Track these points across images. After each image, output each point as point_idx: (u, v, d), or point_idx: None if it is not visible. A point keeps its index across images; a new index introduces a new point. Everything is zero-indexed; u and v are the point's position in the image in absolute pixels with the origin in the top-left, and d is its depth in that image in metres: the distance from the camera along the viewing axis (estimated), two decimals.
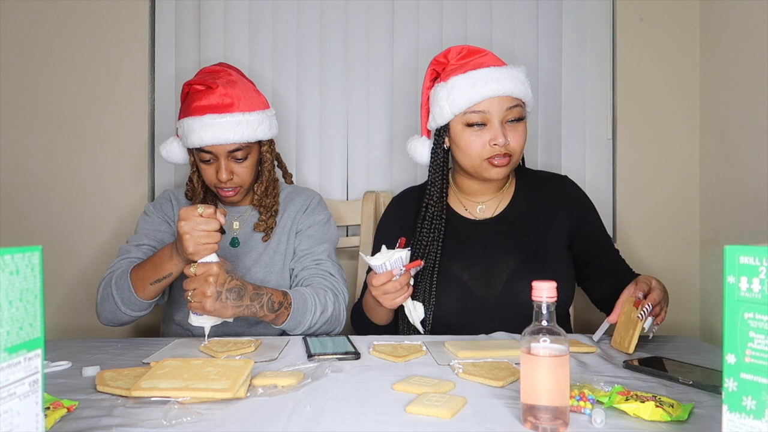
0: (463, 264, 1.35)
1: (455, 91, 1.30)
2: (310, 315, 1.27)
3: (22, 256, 0.59)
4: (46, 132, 1.86)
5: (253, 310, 1.18)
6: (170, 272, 1.22)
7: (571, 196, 1.44)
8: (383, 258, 1.18)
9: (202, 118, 1.34)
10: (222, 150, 1.36)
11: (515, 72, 1.33)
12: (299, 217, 1.49)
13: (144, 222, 1.46)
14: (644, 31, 1.88)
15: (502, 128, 1.30)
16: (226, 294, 1.12)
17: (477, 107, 1.30)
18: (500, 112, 1.30)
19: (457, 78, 1.31)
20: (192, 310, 1.14)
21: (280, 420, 0.78)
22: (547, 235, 1.38)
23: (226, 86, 1.37)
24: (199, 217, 1.12)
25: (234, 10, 1.89)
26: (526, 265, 1.32)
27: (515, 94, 1.31)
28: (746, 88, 1.60)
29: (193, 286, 1.12)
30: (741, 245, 0.58)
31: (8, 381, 0.57)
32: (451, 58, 1.37)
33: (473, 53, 1.36)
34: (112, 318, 1.30)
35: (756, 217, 1.54)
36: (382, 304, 1.21)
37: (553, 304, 0.76)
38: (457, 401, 0.82)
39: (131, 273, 1.25)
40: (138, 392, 0.83)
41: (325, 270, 1.39)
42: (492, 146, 1.29)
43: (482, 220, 1.42)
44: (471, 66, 1.33)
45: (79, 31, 1.86)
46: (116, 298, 1.26)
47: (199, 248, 1.12)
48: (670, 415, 0.76)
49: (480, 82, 1.29)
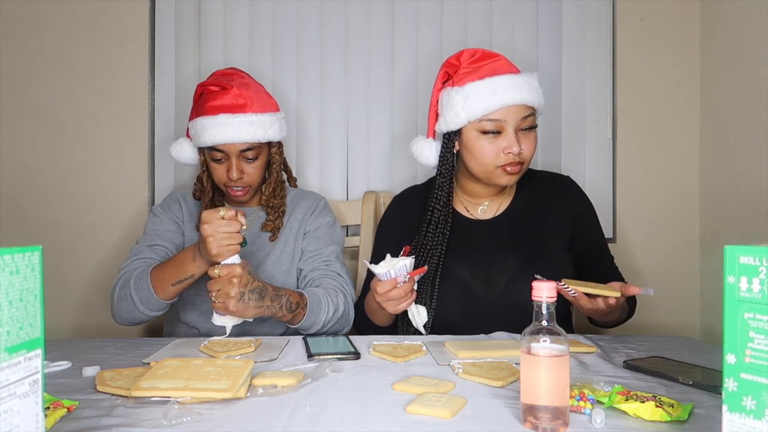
0: (465, 264, 1.35)
1: (472, 97, 1.30)
2: (323, 314, 1.30)
3: (22, 256, 0.59)
4: (47, 132, 1.87)
5: (273, 311, 1.21)
6: (192, 273, 1.24)
7: (572, 197, 1.44)
8: (387, 266, 1.18)
9: (216, 117, 1.37)
10: (234, 149, 1.39)
11: (530, 79, 1.33)
12: (307, 218, 1.52)
13: (153, 223, 1.48)
14: (644, 30, 1.88)
15: (516, 136, 1.30)
16: (249, 295, 1.15)
17: (493, 115, 1.30)
18: (515, 121, 1.30)
19: (475, 84, 1.31)
20: (216, 310, 1.16)
21: (280, 420, 0.78)
22: (548, 235, 1.38)
23: (240, 87, 1.40)
24: (221, 220, 1.14)
25: (234, 11, 1.89)
26: (527, 265, 1.32)
27: (530, 103, 1.32)
28: (746, 88, 1.60)
29: (217, 287, 1.14)
30: (741, 245, 0.58)
31: (8, 381, 0.57)
32: (464, 61, 1.36)
33: (487, 57, 1.35)
34: (129, 318, 1.32)
35: (756, 217, 1.54)
36: (386, 309, 1.22)
37: (553, 304, 0.76)
38: (457, 401, 0.82)
39: (151, 274, 1.27)
40: (138, 392, 0.83)
41: (334, 271, 1.43)
42: (506, 154, 1.30)
43: (484, 220, 1.42)
44: (486, 71, 1.32)
45: (80, 31, 1.87)
46: (135, 298, 1.27)
47: (222, 250, 1.14)
48: (670, 415, 0.76)
49: (499, 90, 1.29)
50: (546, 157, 1.92)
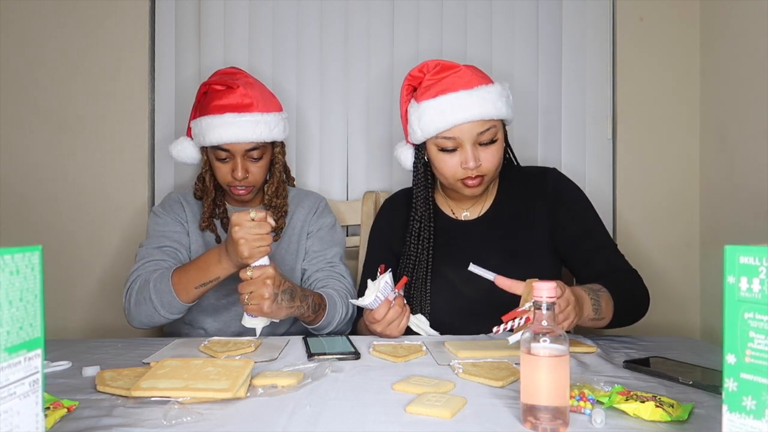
0: (451, 265, 1.36)
1: (425, 118, 1.30)
2: (338, 315, 1.32)
3: (22, 256, 0.59)
4: (47, 132, 1.86)
5: (302, 311, 1.22)
6: (218, 276, 1.23)
7: (552, 187, 1.40)
8: (373, 291, 1.18)
9: (222, 116, 1.37)
10: (239, 148, 1.39)
11: (486, 93, 1.29)
12: (310, 218, 1.52)
13: (156, 224, 1.46)
14: (644, 31, 1.88)
15: (474, 151, 1.29)
16: (281, 296, 1.15)
17: (447, 133, 1.29)
18: (471, 137, 1.29)
19: (428, 103, 1.30)
20: (248, 312, 1.15)
21: (280, 420, 0.78)
22: (528, 233, 1.37)
23: (246, 87, 1.41)
24: (251, 222, 1.14)
25: (234, 11, 1.89)
26: (507, 266, 1.32)
27: (486, 117, 1.28)
28: (746, 88, 1.60)
29: (249, 288, 1.13)
30: (741, 245, 0.58)
31: (8, 381, 0.57)
32: (426, 73, 1.35)
33: (447, 69, 1.33)
34: (149, 321, 1.30)
35: (756, 217, 1.54)
36: (391, 335, 1.21)
37: (553, 304, 0.76)
38: (457, 401, 0.82)
39: (173, 277, 1.25)
40: (138, 392, 0.83)
41: (338, 273, 1.44)
42: (464, 169, 1.30)
43: (467, 221, 1.43)
44: (442, 87, 1.30)
45: (80, 31, 1.86)
46: (155, 301, 1.26)
47: (254, 252, 1.14)
48: (670, 415, 0.76)
49: (448, 110, 1.27)
50: (546, 157, 1.91)
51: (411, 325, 1.28)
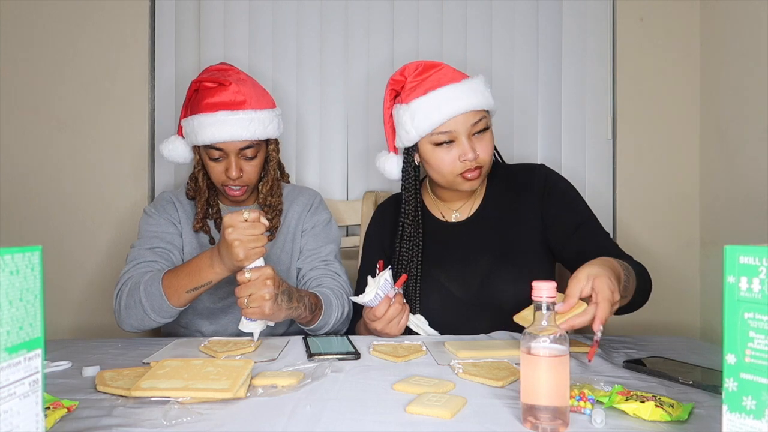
0: (441, 267, 1.37)
1: (419, 115, 1.30)
2: (334, 315, 1.30)
3: (22, 256, 0.59)
4: (46, 131, 1.86)
5: (299, 312, 1.20)
6: (210, 280, 1.19)
7: (539, 182, 1.40)
8: (373, 288, 1.18)
9: (214, 114, 1.34)
10: (233, 147, 1.36)
11: (474, 84, 1.32)
12: (304, 216, 1.50)
13: (149, 224, 1.42)
14: (644, 31, 1.88)
15: (470, 142, 1.29)
16: (281, 297, 1.13)
17: (443, 128, 1.29)
18: (466, 128, 1.30)
19: (419, 101, 1.30)
20: (248, 316, 1.12)
21: (280, 420, 0.78)
22: (518, 232, 1.37)
23: (238, 83, 1.37)
24: (245, 223, 1.11)
25: (234, 10, 1.89)
26: (498, 265, 1.32)
27: (478, 107, 1.30)
28: (746, 88, 1.60)
29: (248, 291, 1.10)
30: (741, 245, 0.58)
31: (8, 381, 0.57)
32: (408, 75, 1.36)
33: (429, 68, 1.34)
34: (138, 325, 1.26)
35: (756, 217, 1.54)
36: (391, 333, 1.21)
37: (553, 303, 0.76)
38: (457, 401, 0.82)
39: (163, 280, 1.22)
40: (138, 392, 0.83)
41: (333, 271, 1.42)
42: (462, 162, 1.30)
43: (457, 223, 1.43)
44: (429, 84, 1.31)
45: (79, 30, 1.87)
46: (145, 305, 1.22)
47: (249, 253, 1.10)
48: (670, 415, 0.76)
49: (443, 103, 1.28)
50: (546, 156, 1.92)
51: (410, 325, 1.28)
